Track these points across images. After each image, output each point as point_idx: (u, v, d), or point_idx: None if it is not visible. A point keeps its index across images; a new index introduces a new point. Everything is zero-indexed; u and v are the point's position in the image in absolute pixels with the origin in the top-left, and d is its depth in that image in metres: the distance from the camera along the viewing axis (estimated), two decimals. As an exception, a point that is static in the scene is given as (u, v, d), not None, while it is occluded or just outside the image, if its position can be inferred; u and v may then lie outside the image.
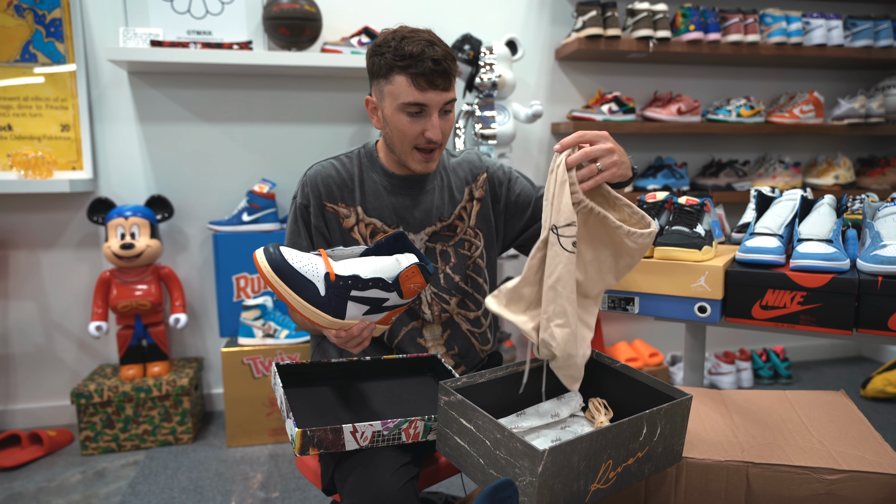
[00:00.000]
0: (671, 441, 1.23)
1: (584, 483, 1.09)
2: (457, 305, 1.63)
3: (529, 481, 1.02)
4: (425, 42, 1.41)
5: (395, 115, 1.46)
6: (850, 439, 1.35)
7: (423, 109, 1.45)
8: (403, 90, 1.42)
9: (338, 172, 1.57)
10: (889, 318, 1.46)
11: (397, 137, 1.49)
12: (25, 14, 2.73)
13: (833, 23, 3.28)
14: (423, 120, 1.46)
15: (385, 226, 1.57)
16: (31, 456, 2.64)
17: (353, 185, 1.57)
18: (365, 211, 1.57)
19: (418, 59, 1.39)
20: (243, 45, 2.76)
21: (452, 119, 1.53)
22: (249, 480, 2.49)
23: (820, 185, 3.46)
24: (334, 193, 1.56)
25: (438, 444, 1.26)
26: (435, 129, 1.45)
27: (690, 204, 1.74)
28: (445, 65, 1.42)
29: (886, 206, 1.64)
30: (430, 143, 1.48)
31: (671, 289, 1.61)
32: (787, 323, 1.56)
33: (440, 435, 1.24)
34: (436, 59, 1.40)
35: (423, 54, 1.39)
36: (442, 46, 1.43)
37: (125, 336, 2.78)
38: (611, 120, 3.16)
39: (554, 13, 3.28)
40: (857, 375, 3.58)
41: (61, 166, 2.82)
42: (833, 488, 1.21)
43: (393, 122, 1.48)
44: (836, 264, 1.52)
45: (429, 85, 1.41)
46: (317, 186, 1.56)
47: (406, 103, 1.43)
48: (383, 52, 1.43)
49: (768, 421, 1.44)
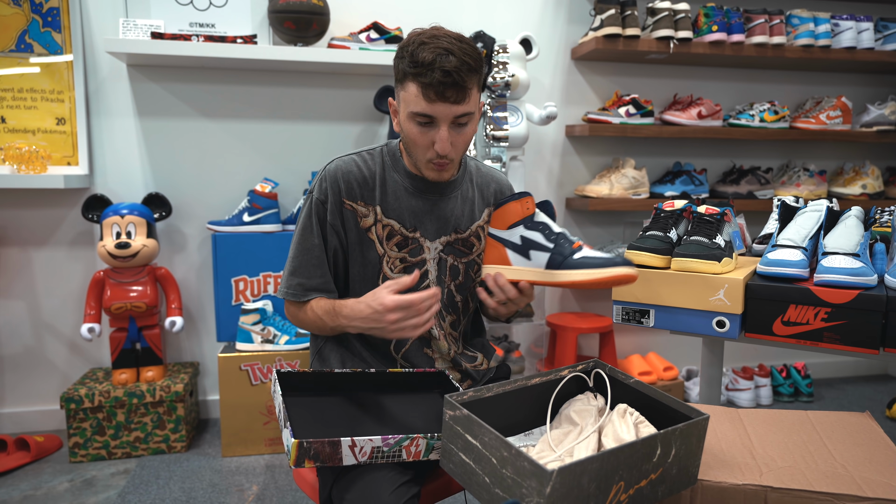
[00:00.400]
0: (686, 462, 1.19)
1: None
2: (450, 325, 1.62)
3: (537, 502, 1.00)
4: (442, 50, 1.32)
5: (407, 123, 1.42)
6: (876, 465, 1.31)
7: (432, 121, 1.39)
8: (413, 99, 1.37)
9: (359, 169, 1.53)
10: (918, 337, 1.45)
11: (411, 146, 1.46)
12: (22, 2, 2.69)
13: (863, 25, 3.20)
14: (432, 131, 1.41)
15: (402, 228, 1.53)
16: (17, 462, 2.59)
17: (373, 183, 1.53)
18: (384, 211, 1.53)
19: (428, 69, 1.32)
20: (247, 38, 2.71)
21: (470, 132, 1.45)
22: (244, 492, 2.43)
23: (846, 194, 3.36)
24: (354, 191, 1.51)
25: (442, 460, 1.24)
26: (443, 143, 1.39)
27: (710, 213, 1.73)
28: (457, 77, 1.33)
29: (916, 219, 1.63)
30: (441, 158, 1.43)
31: (688, 302, 1.62)
32: (809, 340, 1.53)
33: (444, 451, 1.22)
34: (446, 69, 1.32)
35: (433, 63, 1.32)
36: (460, 56, 1.33)
37: (118, 339, 2.73)
38: (628, 123, 3.10)
39: (571, 11, 3.21)
40: (883, 395, 3.48)
41: (56, 161, 2.78)
42: (857, 517, 1.20)
43: (406, 129, 1.44)
44: (863, 280, 1.50)
45: (438, 97, 1.34)
46: (337, 182, 1.50)
47: (415, 113, 1.38)
48: (403, 55, 1.38)
49: (788, 443, 1.42)
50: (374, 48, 2.80)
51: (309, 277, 1.50)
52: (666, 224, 1.75)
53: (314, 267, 1.50)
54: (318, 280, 1.51)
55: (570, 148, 3.29)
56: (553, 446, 1.23)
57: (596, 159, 3.33)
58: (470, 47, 1.37)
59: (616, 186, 3.08)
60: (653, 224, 1.77)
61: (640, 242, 1.70)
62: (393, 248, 1.51)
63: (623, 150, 3.33)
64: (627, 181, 3.09)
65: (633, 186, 3.10)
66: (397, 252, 1.51)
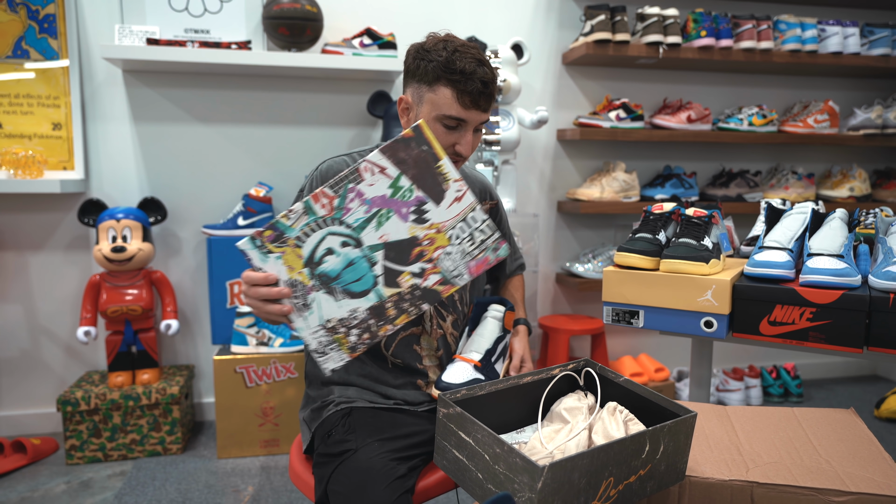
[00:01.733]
0: (674, 459, 1.21)
1: (585, 500, 1.09)
2: (451, 325, 1.65)
3: (528, 497, 1.02)
4: (477, 61, 1.44)
5: (433, 123, 1.47)
6: (859, 460, 1.34)
7: (461, 125, 1.48)
8: (446, 102, 1.44)
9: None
10: (901, 337, 1.46)
11: None
12: (18, 9, 2.69)
13: (849, 30, 3.23)
14: (456, 134, 1.48)
15: None
16: (13, 465, 2.59)
17: None
18: None
19: (469, 77, 1.42)
20: (242, 44, 2.72)
21: (481, 136, 1.56)
22: (240, 493, 2.44)
23: (834, 197, 3.39)
24: None
25: (436, 457, 1.25)
26: (467, 146, 1.49)
27: (698, 216, 1.74)
28: (491, 87, 1.46)
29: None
30: (458, 157, 1.51)
31: (677, 303, 1.63)
32: (795, 339, 1.55)
33: (438, 448, 1.24)
34: (485, 81, 1.44)
35: (474, 74, 1.42)
36: (490, 68, 1.47)
37: (114, 342, 2.72)
38: (618, 127, 3.11)
39: (561, 17, 3.23)
40: (872, 395, 3.51)
41: (52, 166, 2.78)
42: (840, 511, 1.22)
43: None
44: (847, 280, 1.52)
45: (473, 104, 1.45)
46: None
47: (446, 115, 1.45)
48: (432, 58, 1.45)
49: (775, 439, 1.44)
50: (367, 53, 2.82)
51: None
52: (655, 226, 1.77)
53: None
54: None
55: (561, 152, 3.31)
56: (544, 443, 1.24)
57: (587, 163, 3.35)
58: (488, 60, 1.49)
59: (607, 190, 3.11)
60: (642, 226, 1.79)
61: (629, 244, 1.72)
62: None
63: (614, 154, 3.36)
64: (618, 184, 3.12)
65: (624, 190, 3.13)
66: None
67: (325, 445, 1.44)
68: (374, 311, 1.27)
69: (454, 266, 1.26)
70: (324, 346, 1.30)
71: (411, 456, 1.39)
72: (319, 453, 1.44)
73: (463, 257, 1.30)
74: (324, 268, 1.27)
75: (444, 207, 1.29)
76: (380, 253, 1.27)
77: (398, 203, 1.27)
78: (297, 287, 1.27)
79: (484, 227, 1.32)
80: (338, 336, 1.29)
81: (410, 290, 1.30)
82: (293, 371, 2.73)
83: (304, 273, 1.27)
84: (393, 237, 1.28)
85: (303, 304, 1.27)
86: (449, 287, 1.31)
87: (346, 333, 1.27)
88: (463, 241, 1.30)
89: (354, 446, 1.37)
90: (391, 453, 1.35)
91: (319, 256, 1.27)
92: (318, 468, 1.41)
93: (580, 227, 3.38)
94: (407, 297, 1.30)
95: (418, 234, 1.29)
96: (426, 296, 1.31)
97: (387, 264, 1.27)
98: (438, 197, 1.28)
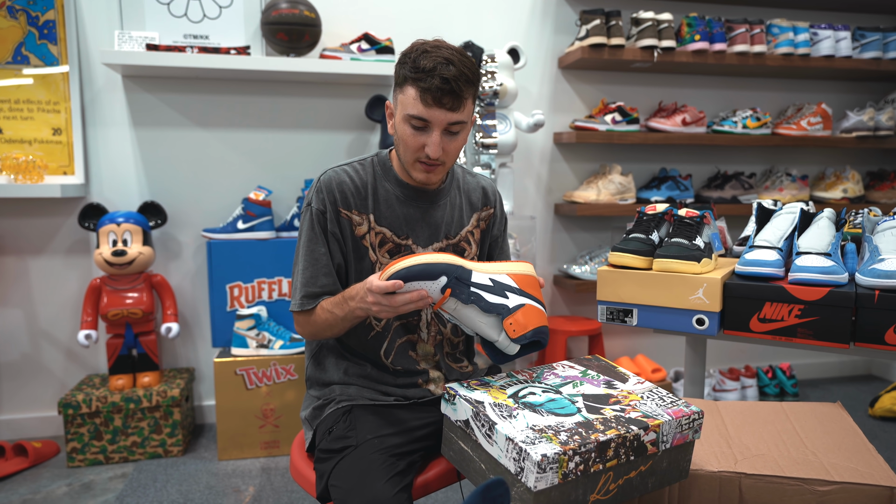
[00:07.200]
0: (677, 457, 1.25)
1: (583, 493, 1.11)
2: (451, 331, 1.66)
3: (526, 488, 1.05)
4: (443, 59, 1.40)
5: (401, 125, 1.47)
6: (844, 451, 1.38)
7: (427, 125, 1.44)
8: (410, 102, 1.43)
9: (351, 179, 1.56)
10: (886, 332, 1.49)
11: (402, 146, 1.50)
12: (18, 15, 2.71)
13: (841, 34, 3.26)
14: (424, 135, 1.46)
15: (395, 236, 1.58)
16: (15, 468, 2.60)
17: (366, 192, 1.57)
18: (377, 220, 1.57)
19: (429, 75, 1.39)
20: (241, 49, 2.74)
21: (461, 140, 1.51)
22: (241, 494, 2.45)
23: (828, 198, 3.42)
24: (349, 200, 1.55)
25: (443, 448, 1.34)
26: (434, 147, 1.44)
27: (690, 216, 1.77)
28: (455, 85, 1.40)
29: (886, 221, 1.67)
30: (430, 162, 1.48)
31: (669, 301, 1.66)
32: (784, 336, 1.59)
33: (445, 439, 1.32)
34: (445, 77, 1.38)
35: (434, 70, 1.38)
36: (459, 66, 1.41)
37: (115, 345, 2.74)
38: (614, 130, 3.13)
39: (557, 21, 3.25)
40: (866, 394, 3.52)
41: (52, 171, 2.79)
42: (825, 500, 1.25)
43: (399, 130, 1.49)
44: (834, 278, 1.55)
45: (435, 102, 1.41)
46: (332, 192, 1.55)
47: (411, 115, 1.43)
48: (405, 61, 1.44)
49: (763, 432, 1.48)
50: (365, 58, 2.84)
51: (320, 286, 1.53)
52: (648, 227, 1.80)
53: (324, 276, 1.53)
54: (329, 286, 1.54)
55: (557, 155, 3.34)
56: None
57: (583, 166, 3.37)
58: (469, 61, 1.44)
59: (603, 192, 3.13)
60: (636, 227, 1.82)
61: (623, 245, 1.75)
62: (385, 254, 1.55)
63: (610, 157, 3.38)
64: (614, 187, 3.14)
65: (620, 192, 3.15)
66: (389, 259, 1.55)
67: (326, 442, 1.46)
68: (581, 425, 1.21)
69: (652, 410, 1.26)
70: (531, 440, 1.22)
71: (411, 451, 1.41)
72: (321, 449, 1.46)
73: (659, 406, 1.28)
74: (527, 399, 1.29)
75: (630, 385, 1.38)
76: (579, 399, 1.31)
77: (589, 379, 1.40)
78: (502, 407, 1.25)
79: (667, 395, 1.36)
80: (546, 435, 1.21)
81: (615, 415, 1.26)
82: (293, 373, 2.74)
83: (509, 401, 1.28)
84: (589, 392, 1.34)
85: (508, 415, 1.24)
86: (652, 419, 1.24)
87: (555, 433, 1.18)
88: (654, 399, 1.31)
89: (355, 442, 1.39)
90: (391, 449, 1.37)
91: (524, 394, 1.32)
92: (320, 464, 1.44)
93: (577, 230, 3.41)
94: (612, 420, 1.25)
95: (612, 392, 1.34)
96: (630, 421, 1.25)
97: (588, 404, 1.29)
98: (623, 380, 1.40)
